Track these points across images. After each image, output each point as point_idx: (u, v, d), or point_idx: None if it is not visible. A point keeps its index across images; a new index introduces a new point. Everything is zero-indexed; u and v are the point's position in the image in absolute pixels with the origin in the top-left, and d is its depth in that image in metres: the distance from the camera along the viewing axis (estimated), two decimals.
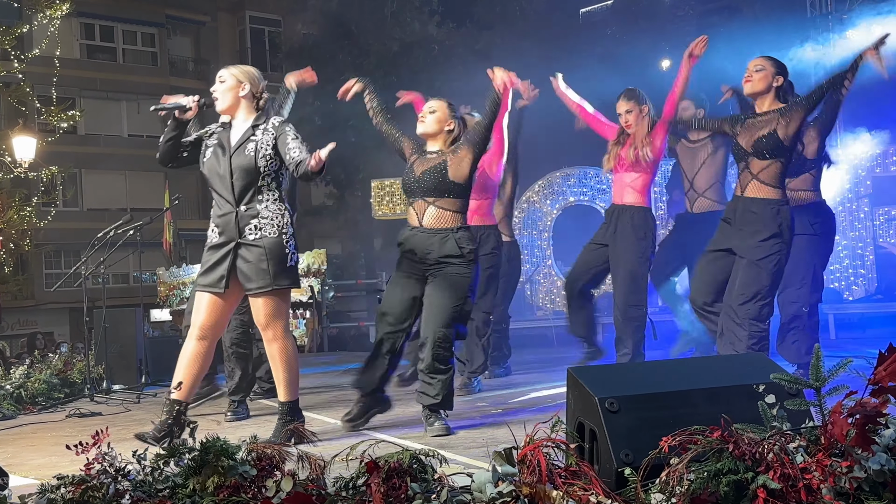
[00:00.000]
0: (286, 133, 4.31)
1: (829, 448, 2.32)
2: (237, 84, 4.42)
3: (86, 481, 2.55)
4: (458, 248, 4.60)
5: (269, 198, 4.33)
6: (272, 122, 4.38)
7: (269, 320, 4.36)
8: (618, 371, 3.37)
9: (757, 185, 4.76)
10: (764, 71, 4.84)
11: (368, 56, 21.29)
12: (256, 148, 4.30)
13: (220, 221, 4.36)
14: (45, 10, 15.86)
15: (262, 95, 4.49)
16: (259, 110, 4.45)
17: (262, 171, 4.30)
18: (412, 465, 2.50)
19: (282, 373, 4.45)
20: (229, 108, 4.44)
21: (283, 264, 4.30)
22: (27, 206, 16.24)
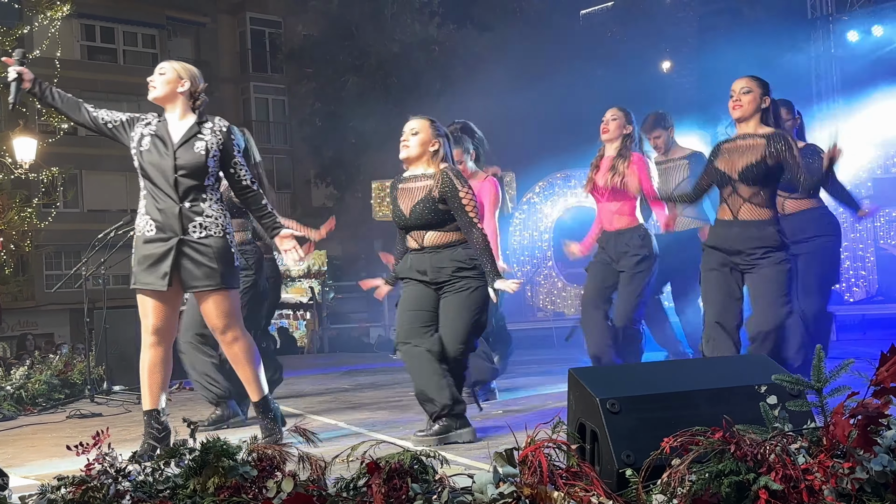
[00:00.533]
0: (233, 145, 4.29)
1: (831, 449, 2.31)
2: (177, 79, 4.31)
3: (86, 482, 2.55)
4: (469, 259, 4.40)
5: (213, 197, 4.25)
6: (219, 125, 4.29)
7: (227, 321, 4.26)
8: (619, 372, 3.37)
9: (749, 208, 4.66)
10: (752, 93, 4.65)
11: (369, 57, 21.30)
12: (207, 147, 4.21)
13: (159, 215, 4.19)
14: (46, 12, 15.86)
15: (200, 97, 4.35)
16: (195, 111, 4.33)
17: (209, 170, 4.22)
18: (413, 466, 2.50)
19: (250, 371, 4.37)
20: (163, 98, 4.29)
21: (230, 264, 4.24)
22: (28, 208, 16.24)
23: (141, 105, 27.80)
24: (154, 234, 4.19)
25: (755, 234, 4.59)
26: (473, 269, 4.41)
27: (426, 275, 4.47)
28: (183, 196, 4.18)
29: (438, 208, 4.39)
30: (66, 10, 15.99)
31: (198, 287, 4.19)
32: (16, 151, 15.06)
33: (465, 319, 4.40)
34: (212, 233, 4.19)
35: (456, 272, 4.42)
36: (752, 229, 4.60)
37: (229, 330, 4.29)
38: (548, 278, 11.19)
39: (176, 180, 4.17)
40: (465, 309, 4.40)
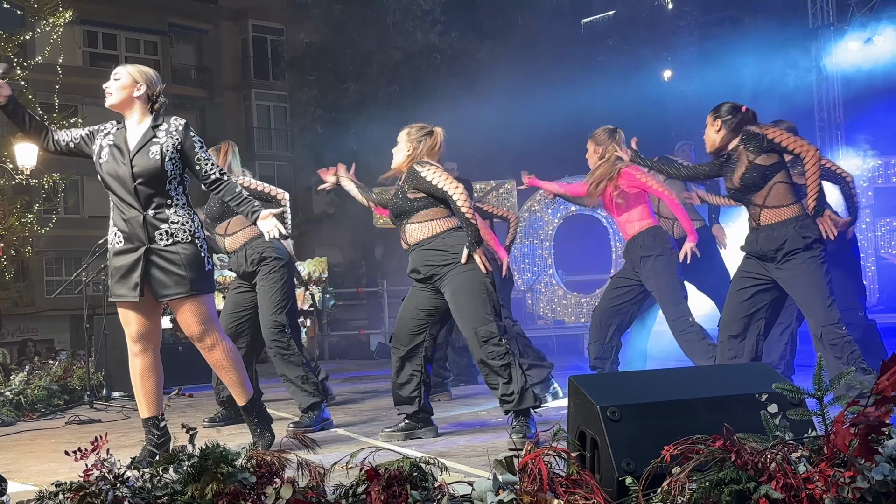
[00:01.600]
0: (193, 141, 4.16)
1: (832, 458, 2.31)
2: (132, 83, 4.22)
3: (84, 488, 2.54)
4: (451, 247, 4.55)
5: (178, 202, 4.16)
6: (174, 125, 4.18)
7: (204, 326, 4.20)
8: (619, 380, 3.36)
9: (768, 212, 4.68)
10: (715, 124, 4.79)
11: (370, 65, 21.31)
12: (162, 151, 4.10)
13: (125, 226, 4.16)
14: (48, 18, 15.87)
15: (158, 99, 4.27)
16: (153, 112, 4.24)
17: (168, 174, 4.11)
18: (412, 473, 2.49)
19: (233, 375, 4.32)
20: (120, 104, 4.22)
21: (201, 270, 4.13)
22: (28, 213, 16.21)
23: None
24: (122, 245, 4.16)
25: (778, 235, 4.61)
26: (458, 254, 4.53)
27: (420, 273, 4.69)
28: (145, 204, 4.12)
29: (408, 197, 4.65)
30: (69, 17, 15.99)
31: (168, 296, 4.12)
32: (17, 157, 15.04)
33: (476, 300, 4.48)
34: (179, 239, 4.11)
35: (442, 266, 4.57)
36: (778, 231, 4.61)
37: (207, 336, 4.22)
38: (548, 286, 11.19)
39: (135, 188, 4.10)
40: (472, 292, 4.49)
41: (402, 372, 4.73)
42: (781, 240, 4.57)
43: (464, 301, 4.49)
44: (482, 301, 4.48)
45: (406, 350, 4.71)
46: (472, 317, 4.47)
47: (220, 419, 5.84)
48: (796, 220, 4.60)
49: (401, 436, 4.64)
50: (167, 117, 4.21)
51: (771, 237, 4.60)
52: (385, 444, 4.41)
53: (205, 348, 4.26)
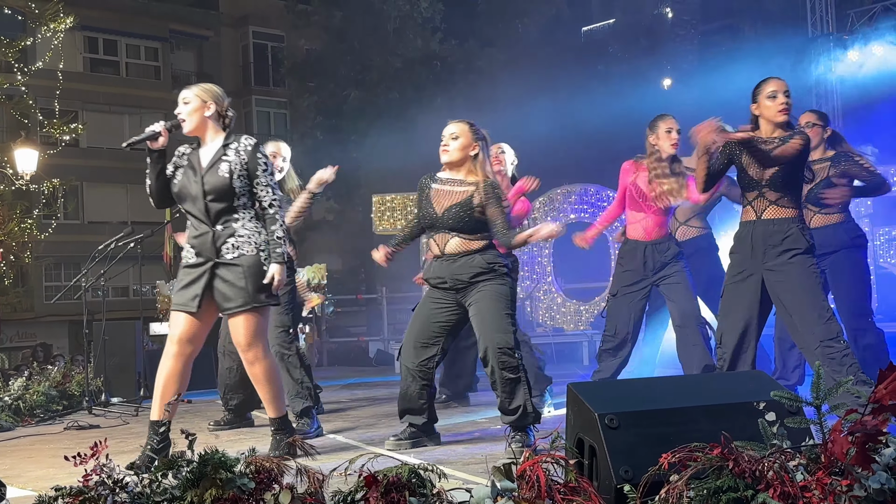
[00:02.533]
0: (258, 163, 4.26)
1: (830, 466, 2.31)
2: (202, 105, 4.33)
3: (83, 493, 2.54)
4: (486, 264, 4.51)
5: (246, 216, 4.28)
6: (244, 144, 4.29)
7: (251, 340, 4.28)
8: (618, 387, 3.37)
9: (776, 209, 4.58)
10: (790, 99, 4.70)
11: (370, 72, 21.36)
12: (230, 169, 4.22)
13: (196, 242, 4.29)
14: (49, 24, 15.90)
15: (227, 113, 4.42)
16: (226, 128, 4.40)
17: (237, 191, 4.24)
18: (411, 480, 2.50)
19: (269, 391, 4.40)
20: (196, 128, 4.34)
21: (260, 281, 4.22)
22: (28, 219, 16.23)
23: (143, 118, 27.92)
24: (193, 259, 4.30)
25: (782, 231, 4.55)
26: (492, 271, 4.51)
27: (446, 282, 4.58)
28: (215, 219, 4.25)
29: (475, 216, 4.50)
30: (70, 23, 16.02)
31: (229, 309, 4.25)
32: (17, 162, 15.08)
33: (500, 310, 4.48)
34: (244, 252, 4.23)
35: (474, 277, 4.52)
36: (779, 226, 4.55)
37: (251, 350, 4.31)
38: (547, 294, 11.20)
39: (206, 205, 4.24)
40: (497, 303, 4.49)
41: (410, 383, 4.68)
42: (782, 234, 4.53)
43: (488, 309, 4.48)
44: (507, 313, 4.50)
45: (417, 362, 4.64)
46: (494, 325, 4.46)
47: (224, 423, 5.88)
48: (800, 221, 4.59)
49: (408, 444, 4.60)
50: (238, 136, 4.34)
51: (770, 231, 4.56)
52: (384, 451, 4.41)
53: (247, 361, 4.36)
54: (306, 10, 23.25)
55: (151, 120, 4.40)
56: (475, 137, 4.59)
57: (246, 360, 4.36)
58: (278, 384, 4.44)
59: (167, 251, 16.60)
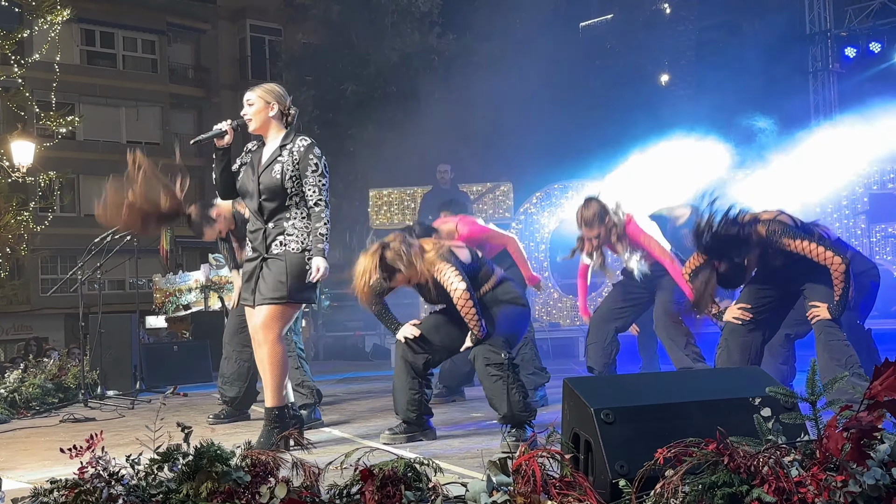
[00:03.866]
0: (308, 162, 4.40)
1: (825, 462, 2.32)
2: (265, 105, 4.50)
3: (79, 485, 2.54)
4: None
5: (298, 215, 4.42)
6: (298, 144, 4.44)
7: (267, 323, 4.40)
8: (614, 382, 3.37)
9: None
10: None
11: (368, 66, 21.30)
12: (283, 170, 4.39)
13: (252, 237, 4.51)
14: (46, 16, 15.84)
15: (290, 112, 4.57)
16: (288, 126, 4.55)
17: (289, 191, 4.40)
18: (406, 474, 2.50)
19: (269, 378, 4.46)
20: (261, 128, 4.53)
21: (301, 279, 4.36)
22: (24, 211, 16.18)
23: (139, 110, 27.88)
24: (251, 254, 4.51)
25: None
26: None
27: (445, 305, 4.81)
28: (268, 218, 4.43)
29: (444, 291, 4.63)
30: (67, 15, 15.97)
31: (266, 298, 4.38)
32: (13, 155, 15.04)
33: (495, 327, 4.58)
34: (290, 249, 4.38)
35: None
36: None
37: (262, 331, 4.41)
38: (544, 289, 11.19)
39: (260, 204, 4.43)
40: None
41: (409, 379, 4.73)
42: None
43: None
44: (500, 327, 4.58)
45: (420, 362, 4.75)
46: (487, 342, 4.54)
47: (223, 416, 5.90)
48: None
49: (402, 439, 4.65)
50: (297, 136, 4.48)
51: None
52: (380, 445, 4.42)
53: (257, 342, 4.47)
54: (304, 3, 23.17)
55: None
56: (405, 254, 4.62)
57: (256, 342, 4.48)
58: (280, 374, 4.46)
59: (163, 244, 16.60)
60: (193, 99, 29.99)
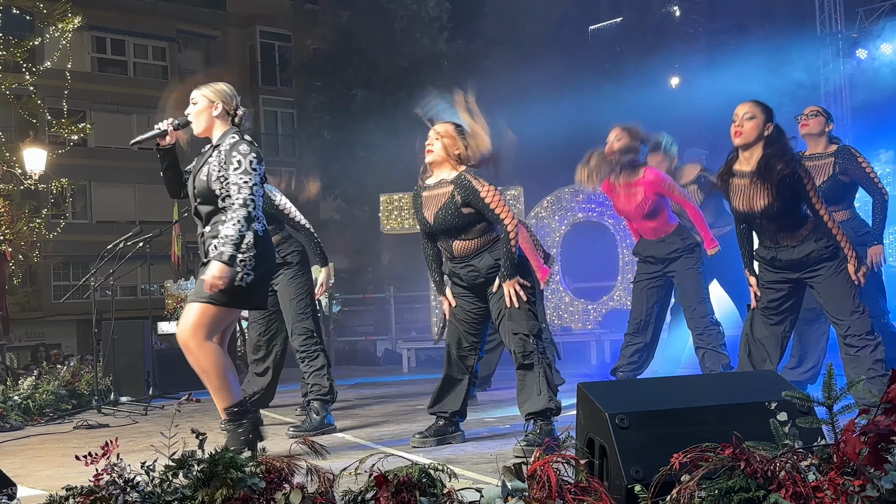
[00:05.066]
0: (231, 161, 4.10)
1: (842, 467, 2.30)
2: (209, 105, 4.27)
3: (94, 492, 2.55)
4: (494, 260, 4.50)
5: None
6: (226, 143, 4.16)
7: (193, 328, 4.08)
8: (628, 387, 3.36)
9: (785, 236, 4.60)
10: (755, 119, 4.55)
11: (378, 71, 21.35)
12: (209, 171, 4.13)
13: (198, 241, 4.25)
14: (57, 24, 15.91)
15: (237, 112, 4.32)
16: (235, 126, 4.29)
17: (217, 193, 4.12)
18: (421, 480, 2.50)
19: (209, 384, 4.16)
20: (205, 130, 4.28)
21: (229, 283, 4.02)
22: (37, 218, 16.25)
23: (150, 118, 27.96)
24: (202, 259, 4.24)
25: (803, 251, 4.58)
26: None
27: (463, 280, 4.61)
28: (205, 222, 4.21)
29: (461, 213, 4.46)
30: (78, 23, 16.04)
31: (190, 298, 4.15)
32: (26, 162, 15.11)
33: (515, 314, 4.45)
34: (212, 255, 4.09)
35: (490, 271, 4.52)
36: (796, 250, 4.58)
37: (188, 337, 4.08)
38: (555, 293, 11.17)
39: (196, 208, 4.23)
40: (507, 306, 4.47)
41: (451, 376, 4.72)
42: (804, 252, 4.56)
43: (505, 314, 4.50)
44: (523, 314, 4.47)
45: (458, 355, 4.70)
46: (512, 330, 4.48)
47: None
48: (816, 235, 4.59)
49: (433, 442, 4.59)
50: (229, 135, 4.21)
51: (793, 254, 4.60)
52: (394, 451, 4.41)
53: (184, 349, 4.14)
54: (313, 9, 23.27)
55: (159, 119, 4.39)
56: (460, 138, 4.60)
57: (182, 348, 4.14)
58: (218, 376, 4.11)
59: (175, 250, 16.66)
60: None
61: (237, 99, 4.37)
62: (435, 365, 10.87)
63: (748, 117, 4.54)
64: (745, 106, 4.59)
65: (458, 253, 4.57)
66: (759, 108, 4.57)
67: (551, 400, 4.40)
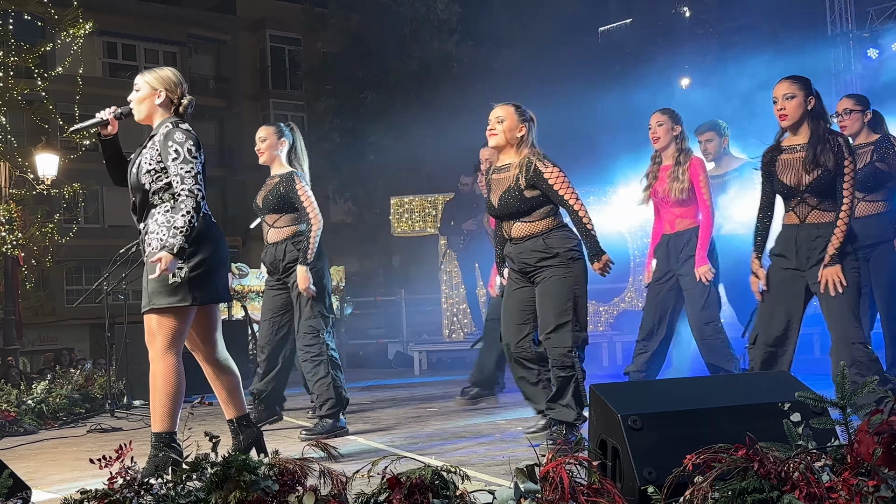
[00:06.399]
0: (168, 152, 3.87)
1: (856, 467, 2.29)
2: (151, 92, 4.02)
3: (109, 495, 2.56)
4: (549, 248, 4.47)
5: (162, 209, 3.92)
6: (159, 133, 3.94)
7: (150, 337, 3.91)
8: (641, 388, 3.36)
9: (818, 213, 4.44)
10: (796, 98, 4.42)
11: (388, 74, 21.39)
12: (140, 163, 3.93)
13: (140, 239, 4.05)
14: (69, 30, 15.97)
15: (182, 101, 4.06)
16: (179, 117, 4.05)
17: (147, 187, 3.92)
18: (434, 482, 2.50)
19: (154, 399, 3.89)
20: (146, 118, 4.06)
21: (162, 281, 3.78)
22: (49, 223, 16.32)
23: None
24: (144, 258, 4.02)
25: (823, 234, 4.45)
26: (556, 256, 4.47)
27: (515, 264, 4.61)
28: (140, 216, 4.01)
29: (525, 196, 4.47)
30: (89, 28, 16.10)
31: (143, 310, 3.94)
32: (38, 167, 15.18)
33: (552, 310, 4.45)
34: (153, 248, 3.88)
35: (539, 262, 4.50)
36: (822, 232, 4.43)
37: (150, 347, 3.92)
38: None
39: (133, 203, 4.02)
40: (553, 299, 4.47)
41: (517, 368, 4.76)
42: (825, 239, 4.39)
43: (544, 306, 4.50)
44: (560, 310, 4.46)
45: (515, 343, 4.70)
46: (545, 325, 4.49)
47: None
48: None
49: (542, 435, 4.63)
50: (163, 124, 3.98)
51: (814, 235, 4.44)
52: (406, 453, 4.42)
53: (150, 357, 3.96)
54: (323, 13, 23.32)
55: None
56: (521, 119, 4.57)
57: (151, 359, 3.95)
58: (164, 395, 3.87)
59: None
60: (214, 109, 30.17)
61: (183, 86, 4.11)
62: (446, 367, 10.88)
63: (788, 97, 4.44)
64: (782, 86, 4.48)
65: (517, 234, 4.57)
66: (796, 84, 4.46)
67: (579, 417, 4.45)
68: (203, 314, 4.05)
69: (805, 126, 4.46)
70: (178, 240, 3.72)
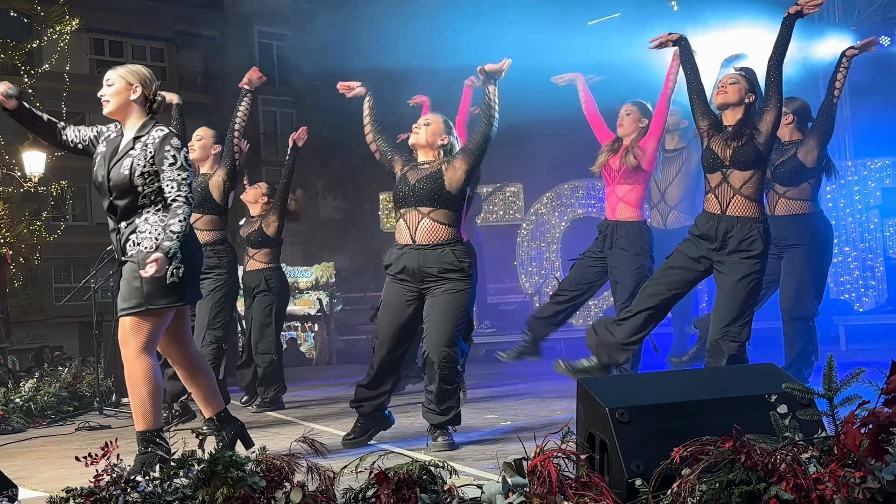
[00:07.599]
0: (164, 155, 3.89)
1: (842, 458, 2.30)
2: (127, 87, 3.99)
3: (95, 493, 2.55)
4: (457, 261, 4.47)
5: (153, 210, 3.93)
6: (153, 136, 3.93)
7: (125, 337, 3.92)
8: (628, 381, 3.36)
9: (741, 202, 4.61)
10: (737, 84, 4.77)
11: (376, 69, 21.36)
12: (132, 165, 3.87)
13: (111, 238, 4.04)
14: (55, 26, 15.91)
15: (156, 98, 4.07)
16: (151, 114, 4.05)
17: (139, 189, 3.90)
18: (422, 477, 2.50)
19: (132, 396, 3.93)
20: (116, 112, 4.01)
21: (160, 281, 3.77)
22: (37, 221, 16.27)
23: None
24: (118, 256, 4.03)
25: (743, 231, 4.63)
26: (461, 270, 4.49)
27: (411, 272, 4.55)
28: (120, 217, 3.96)
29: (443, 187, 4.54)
30: (75, 25, 16.04)
31: (122, 310, 3.92)
32: (25, 165, 15.12)
33: (451, 323, 4.47)
34: (143, 247, 3.88)
35: (443, 272, 4.50)
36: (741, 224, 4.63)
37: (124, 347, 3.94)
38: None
39: (111, 203, 3.96)
40: (451, 312, 4.48)
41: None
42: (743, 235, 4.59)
43: (440, 317, 4.49)
44: (458, 324, 4.50)
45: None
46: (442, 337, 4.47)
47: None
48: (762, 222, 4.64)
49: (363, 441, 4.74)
50: (154, 126, 3.99)
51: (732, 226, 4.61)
52: (394, 448, 4.41)
53: (123, 357, 3.99)
54: (312, 8, 23.25)
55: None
56: (446, 130, 4.73)
57: (125, 358, 3.96)
58: (144, 394, 3.90)
59: None
60: (203, 106, 30.04)
61: (157, 84, 4.12)
62: None
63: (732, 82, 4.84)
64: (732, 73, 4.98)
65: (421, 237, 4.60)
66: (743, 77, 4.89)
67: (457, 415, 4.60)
68: (178, 313, 4.07)
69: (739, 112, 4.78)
70: (174, 243, 3.78)
